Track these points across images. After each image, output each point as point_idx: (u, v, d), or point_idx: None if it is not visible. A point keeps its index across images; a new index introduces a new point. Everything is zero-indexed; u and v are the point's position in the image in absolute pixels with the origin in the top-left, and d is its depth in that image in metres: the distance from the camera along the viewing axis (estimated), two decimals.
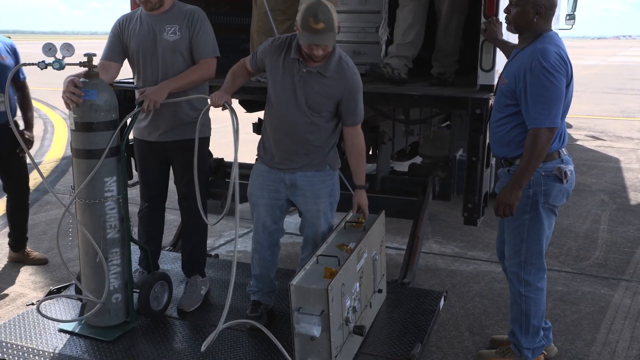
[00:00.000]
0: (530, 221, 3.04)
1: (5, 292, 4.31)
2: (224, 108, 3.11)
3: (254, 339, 3.15)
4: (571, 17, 10.91)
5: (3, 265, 4.72)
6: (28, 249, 4.84)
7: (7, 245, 4.82)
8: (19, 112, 4.61)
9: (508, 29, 3.04)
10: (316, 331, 2.69)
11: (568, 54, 2.90)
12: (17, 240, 4.79)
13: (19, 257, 4.80)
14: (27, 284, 4.44)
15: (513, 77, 2.92)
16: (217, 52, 3.48)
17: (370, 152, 5.80)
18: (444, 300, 3.67)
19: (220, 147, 4.73)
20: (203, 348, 2.90)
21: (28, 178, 4.72)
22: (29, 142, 4.56)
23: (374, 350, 3.07)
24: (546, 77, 2.78)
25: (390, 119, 5.27)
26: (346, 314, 2.87)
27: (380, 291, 3.45)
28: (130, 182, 4.95)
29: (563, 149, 3.02)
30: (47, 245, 5.18)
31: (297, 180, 3.23)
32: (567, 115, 3.04)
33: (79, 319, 3.28)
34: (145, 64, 3.42)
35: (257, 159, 3.38)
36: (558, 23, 9.21)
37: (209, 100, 3.20)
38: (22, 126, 4.55)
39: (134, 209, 3.67)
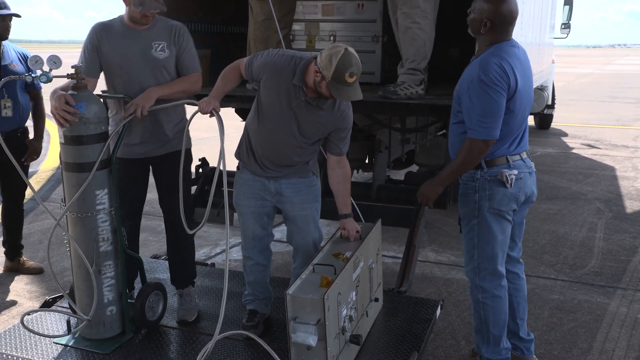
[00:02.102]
0: (479, 226, 3.06)
1: (0, 301, 4.29)
2: (212, 115, 3.04)
3: (250, 349, 3.13)
4: (566, 26, 10.98)
5: None
6: (23, 258, 4.83)
7: (4, 255, 4.81)
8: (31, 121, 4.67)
9: (469, 30, 3.05)
10: (312, 340, 2.67)
11: (520, 65, 2.90)
12: (12, 248, 4.78)
13: (15, 266, 4.78)
14: (23, 293, 4.42)
15: (461, 85, 2.98)
16: (200, 69, 3.49)
17: (367, 161, 5.82)
18: (441, 308, 3.66)
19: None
20: None
21: (26, 186, 4.72)
22: (37, 152, 4.57)
23: (371, 359, 3.06)
24: (484, 91, 2.81)
25: (386, 128, 5.29)
26: (342, 323, 2.85)
27: (376, 300, 3.43)
28: None
29: (519, 154, 3.02)
30: (42, 254, 5.16)
31: (283, 188, 3.22)
32: (527, 122, 3.07)
33: (64, 335, 3.23)
34: (130, 80, 3.32)
35: (238, 167, 3.34)
36: (553, 32, 9.28)
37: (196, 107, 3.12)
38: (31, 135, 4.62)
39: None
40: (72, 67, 2.99)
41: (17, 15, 4.37)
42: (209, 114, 3.04)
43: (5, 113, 4.28)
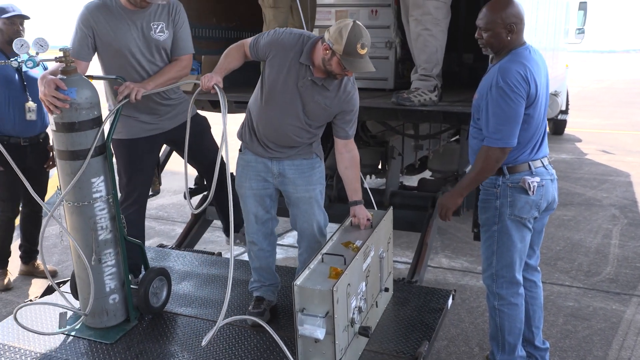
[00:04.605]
0: (499, 232, 3.04)
1: (15, 304, 4.31)
2: (214, 90, 2.95)
3: (256, 336, 3.09)
4: (581, 31, 10.92)
5: (14, 278, 4.74)
6: (38, 262, 4.86)
7: (19, 258, 4.84)
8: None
9: (484, 52, 3.02)
10: (320, 333, 2.61)
11: (538, 69, 2.88)
12: (27, 253, 4.82)
13: (30, 269, 4.83)
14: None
15: (480, 93, 2.96)
16: (193, 49, 3.44)
17: (380, 167, 5.82)
18: (452, 299, 3.58)
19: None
20: (203, 343, 2.82)
21: (46, 192, 4.74)
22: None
23: (380, 348, 3.01)
24: (502, 98, 2.80)
25: (399, 134, 5.28)
26: (351, 314, 2.80)
27: (387, 290, 3.36)
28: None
29: (540, 160, 3.00)
30: (57, 258, 5.20)
31: (285, 169, 3.18)
32: (546, 126, 3.05)
33: (58, 332, 3.15)
34: (128, 63, 3.27)
35: (240, 150, 3.29)
36: (567, 37, 9.23)
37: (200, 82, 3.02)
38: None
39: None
40: (60, 49, 2.85)
41: (26, 17, 4.29)
42: (211, 90, 2.95)
43: (30, 117, 4.25)
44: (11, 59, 2.89)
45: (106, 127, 3.02)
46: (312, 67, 2.96)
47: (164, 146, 4.02)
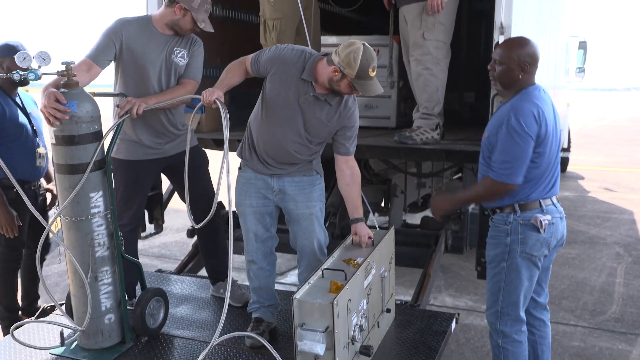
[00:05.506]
0: (508, 269, 3.02)
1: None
2: (215, 105, 2.94)
3: (255, 358, 3.04)
4: (581, 70, 11.04)
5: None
6: (41, 303, 4.82)
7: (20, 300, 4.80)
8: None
9: (493, 85, 3.06)
10: (320, 349, 2.55)
11: (549, 109, 2.91)
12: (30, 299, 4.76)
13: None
14: None
15: (491, 130, 2.98)
16: (200, 79, 3.51)
17: (383, 205, 5.82)
18: (456, 322, 3.53)
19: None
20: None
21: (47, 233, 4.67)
22: (56, 197, 4.52)
23: None
24: (511, 136, 2.83)
25: (402, 172, 5.31)
26: (352, 332, 2.73)
27: (388, 311, 3.30)
28: (143, 234, 4.90)
29: (550, 199, 3.01)
30: (58, 297, 5.16)
31: (286, 186, 3.17)
32: (558, 165, 3.05)
33: (59, 346, 3.13)
34: (145, 80, 3.34)
35: (240, 168, 3.28)
36: (568, 75, 9.32)
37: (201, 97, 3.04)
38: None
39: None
40: (62, 63, 2.87)
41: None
42: (212, 104, 2.95)
43: (40, 163, 4.14)
44: (13, 72, 2.87)
45: (107, 142, 3.02)
46: (314, 83, 2.99)
47: (167, 184, 4.04)
